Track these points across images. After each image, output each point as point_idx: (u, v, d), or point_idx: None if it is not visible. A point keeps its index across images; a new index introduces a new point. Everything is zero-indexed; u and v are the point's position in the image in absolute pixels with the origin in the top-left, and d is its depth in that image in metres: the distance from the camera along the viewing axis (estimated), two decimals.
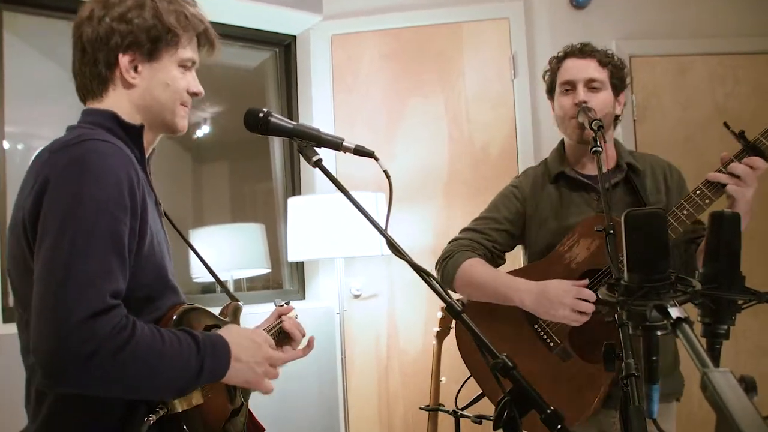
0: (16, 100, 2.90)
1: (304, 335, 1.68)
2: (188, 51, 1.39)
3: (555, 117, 2.13)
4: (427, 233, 3.41)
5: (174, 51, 1.37)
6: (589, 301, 1.87)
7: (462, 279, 2.07)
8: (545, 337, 1.99)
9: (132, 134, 1.35)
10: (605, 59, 2.05)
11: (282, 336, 1.64)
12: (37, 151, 1.31)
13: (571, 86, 2.04)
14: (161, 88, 1.37)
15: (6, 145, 2.86)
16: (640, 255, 0.92)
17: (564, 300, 1.88)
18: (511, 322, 2.02)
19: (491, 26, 3.47)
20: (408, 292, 3.40)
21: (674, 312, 0.84)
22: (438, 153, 3.46)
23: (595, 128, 1.81)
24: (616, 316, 1.27)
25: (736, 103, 3.46)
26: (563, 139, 2.19)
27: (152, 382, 1.15)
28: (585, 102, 1.97)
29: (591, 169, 2.07)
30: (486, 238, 2.13)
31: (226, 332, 1.32)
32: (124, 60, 1.33)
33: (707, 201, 1.81)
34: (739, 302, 1.01)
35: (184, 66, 1.40)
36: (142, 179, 1.27)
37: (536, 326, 2.01)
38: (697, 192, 1.82)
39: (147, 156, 1.42)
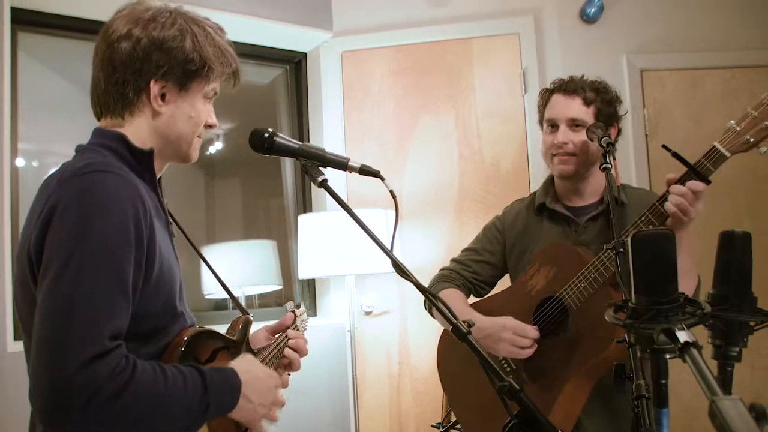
0: (30, 118, 2.93)
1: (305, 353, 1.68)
2: (215, 84, 1.39)
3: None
4: (438, 249, 3.39)
5: (204, 84, 1.36)
6: (528, 337, 1.92)
7: (434, 309, 2.10)
8: (503, 362, 2.03)
9: (141, 159, 1.33)
10: (590, 96, 2.01)
11: (281, 353, 1.63)
12: (46, 177, 1.29)
13: (553, 125, 2.05)
14: (185, 119, 1.36)
15: (22, 162, 2.89)
16: (647, 276, 0.90)
17: (502, 335, 1.94)
18: None
19: (501, 42, 3.47)
20: (419, 309, 3.35)
21: (682, 336, 0.82)
22: (449, 169, 3.45)
23: (605, 145, 1.80)
24: (626, 336, 1.25)
25: None
26: None
27: (155, 423, 1.13)
28: (564, 143, 1.99)
29: (576, 202, 2.09)
30: (465, 269, 2.21)
31: (241, 365, 1.31)
32: (155, 88, 1.31)
33: (651, 227, 1.77)
34: (751, 324, 0.99)
35: (208, 98, 1.39)
36: (150, 206, 1.24)
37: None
38: (642, 218, 1.79)
39: (158, 177, 1.40)
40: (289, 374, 1.62)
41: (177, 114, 1.34)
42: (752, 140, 1.67)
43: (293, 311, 1.72)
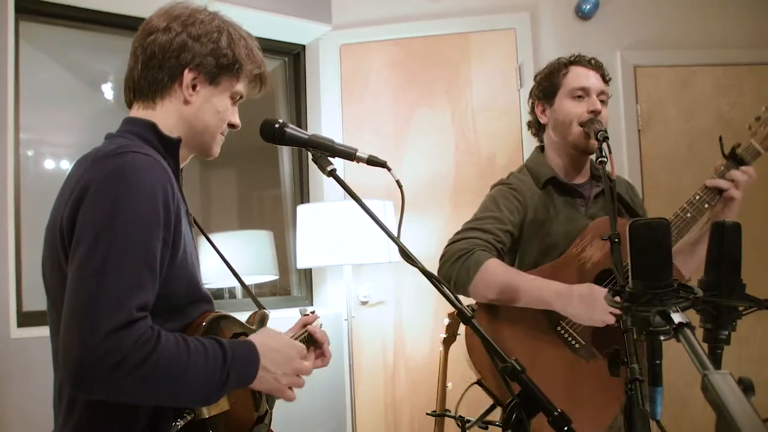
0: (30, 107, 2.95)
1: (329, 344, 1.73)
2: (243, 85, 1.46)
3: (554, 121, 2.12)
4: (433, 241, 3.44)
5: (234, 82, 1.43)
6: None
7: (484, 280, 1.93)
8: (569, 338, 1.97)
9: (169, 147, 1.39)
10: (606, 77, 2.12)
11: (307, 344, 1.68)
12: (78, 159, 1.34)
13: (585, 93, 2.05)
14: (212, 113, 1.42)
15: (21, 151, 2.91)
16: (644, 263, 0.96)
17: (599, 304, 1.83)
18: (531, 325, 1.97)
19: (498, 37, 3.52)
20: (415, 298, 3.44)
21: (676, 317, 0.88)
22: (445, 162, 3.50)
23: (601, 139, 1.85)
24: (621, 321, 1.31)
25: (739, 113, 3.50)
26: (542, 146, 2.23)
27: (177, 391, 1.18)
28: (599, 111, 2.02)
29: (576, 179, 2.14)
30: (496, 239, 2.02)
31: (260, 339, 1.35)
32: (188, 76, 1.38)
33: (706, 206, 1.98)
34: (740, 309, 1.05)
35: (233, 98, 1.46)
36: (176, 191, 1.30)
37: (559, 328, 1.97)
38: (697, 197, 1.99)
39: (180, 168, 1.46)
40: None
41: (205, 106, 1.41)
42: None
43: (308, 314, 1.78)
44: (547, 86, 2.13)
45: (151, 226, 1.20)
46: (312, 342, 1.68)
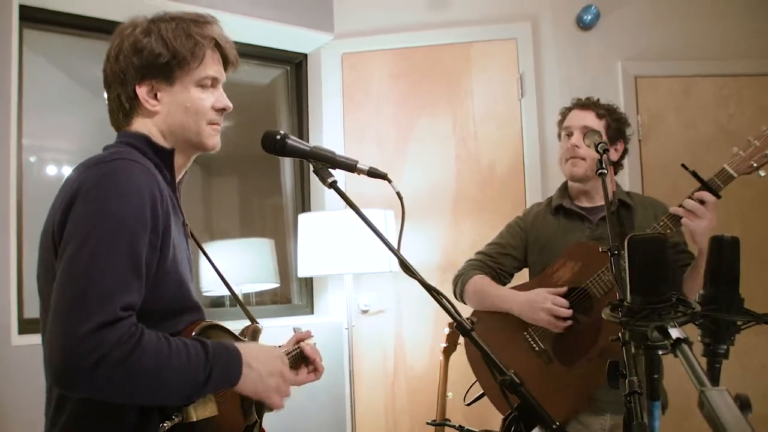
0: (33, 114, 2.97)
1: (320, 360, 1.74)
2: (204, 70, 1.42)
3: None
4: (434, 250, 3.45)
5: (187, 73, 1.40)
6: (564, 308, 2.16)
7: (468, 291, 2.44)
8: (532, 342, 2.28)
9: (163, 157, 1.40)
10: (602, 112, 2.30)
11: (299, 360, 1.69)
12: (75, 166, 1.35)
13: (568, 132, 2.34)
14: (181, 111, 1.41)
15: (24, 157, 2.92)
16: (642, 278, 0.96)
17: (543, 305, 2.18)
18: (507, 329, 2.32)
19: (499, 47, 3.53)
20: (415, 308, 3.44)
21: (674, 332, 0.88)
22: (446, 171, 3.50)
23: (601, 151, 1.88)
24: (620, 335, 1.31)
25: (739, 123, 3.50)
26: None
27: (158, 388, 1.18)
28: (577, 146, 2.27)
29: (587, 203, 2.36)
30: (492, 260, 2.47)
31: (244, 344, 1.36)
32: (141, 91, 1.39)
33: (668, 231, 2.04)
34: (738, 323, 1.05)
35: (202, 85, 1.42)
36: (168, 199, 1.31)
37: (525, 333, 2.30)
38: (661, 223, 2.05)
39: (179, 178, 1.47)
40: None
41: (173, 108, 1.40)
42: (755, 165, 1.97)
43: (302, 332, 1.78)
44: (558, 127, 2.44)
45: (138, 228, 1.21)
46: (303, 358, 1.69)
